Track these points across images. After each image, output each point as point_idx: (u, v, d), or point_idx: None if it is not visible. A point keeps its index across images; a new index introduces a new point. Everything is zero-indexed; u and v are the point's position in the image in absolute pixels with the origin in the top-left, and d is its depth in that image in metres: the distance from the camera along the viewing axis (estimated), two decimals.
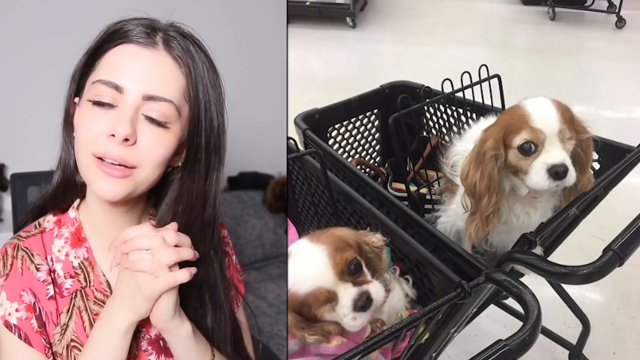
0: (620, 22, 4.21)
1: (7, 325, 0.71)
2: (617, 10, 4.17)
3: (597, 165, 1.19)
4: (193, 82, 0.72)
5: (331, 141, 1.53)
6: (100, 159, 0.69)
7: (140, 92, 0.69)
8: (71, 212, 0.79)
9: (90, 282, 0.77)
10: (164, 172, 0.75)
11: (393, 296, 0.94)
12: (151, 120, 0.70)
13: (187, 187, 0.76)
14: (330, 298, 0.79)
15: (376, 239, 0.90)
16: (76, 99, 0.75)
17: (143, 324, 0.78)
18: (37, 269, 0.74)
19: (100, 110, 0.69)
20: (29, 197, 1.14)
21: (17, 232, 0.79)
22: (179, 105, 0.71)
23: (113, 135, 0.67)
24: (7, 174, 1.78)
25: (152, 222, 0.82)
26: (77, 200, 0.80)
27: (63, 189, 0.78)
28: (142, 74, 0.69)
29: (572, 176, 0.95)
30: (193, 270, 0.70)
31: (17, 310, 0.71)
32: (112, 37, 0.71)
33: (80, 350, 0.74)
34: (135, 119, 0.69)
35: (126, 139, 0.67)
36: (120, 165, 0.68)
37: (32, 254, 0.75)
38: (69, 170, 0.77)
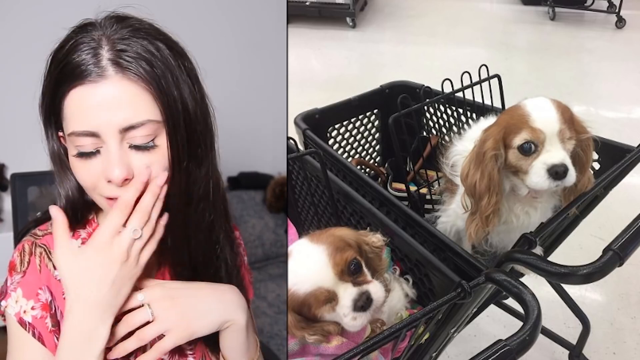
0: (620, 22, 4.21)
1: (22, 322, 0.71)
2: (617, 10, 4.17)
3: (597, 165, 1.19)
4: (158, 85, 0.67)
5: (331, 141, 1.53)
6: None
7: (116, 128, 0.66)
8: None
9: None
10: None
11: (393, 296, 0.94)
12: (137, 147, 0.67)
13: (175, 188, 0.71)
14: (330, 298, 0.79)
15: (376, 239, 0.90)
16: (61, 133, 0.72)
17: None
18: (55, 267, 0.74)
19: (88, 159, 0.68)
20: (29, 197, 1.14)
21: (17, 238, 0.78)
22: (156, 117, 0.67)
23: (110, 181, 0.67)
24: (7, 174, 1.78)
25: None
26: None
27: (75, 212, 0.76)
28: (109, 111, 0.65)
29: (572, 176, 0.95)
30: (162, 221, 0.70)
31: (32, 308, 0.71)
32: (62, 79, 0.67)
33: None
34: (124, 154, 0.67)
35: (125, 179, 0.67)
36: None
37: (49, 252, 0.75)
38: (74, 198, 0.76)
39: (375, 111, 1.60)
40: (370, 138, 1.64)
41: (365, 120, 1.59)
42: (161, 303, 0.70)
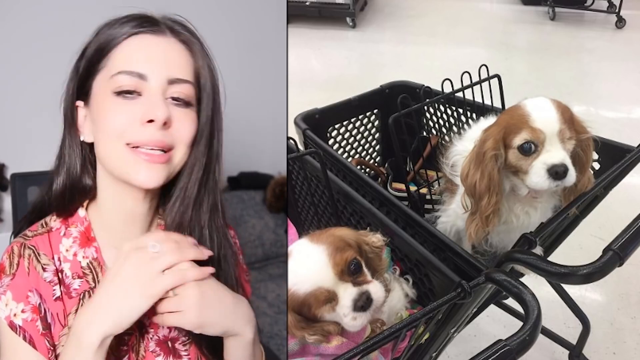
0: (620, 22, 4.21)
1: (12, 326, 0.70)
2: (617, 10, 4.18)
3: (597, 165, 1.19)
4: (200, 63, 0.76)
5: (331, 141, 1.53)
6: (136, 147, 0.70)
7: (164, 77, 0.71)
8: (80, 211, 0.77)
9: (98, 282, 0.75)
10: None
11: (393, 296, 0.94)
12: (178, 102, 0.72)
13: (195, 160, 0.77)
14: (330, 298, 0.79)
15: (376, 239, 0.90)
16: (79, 103, 0.75)
17: (151, 325, 0.77)
18: (44, 269, 0.73)
19: (126, 100, 0.70)
20: (29, 197, 1.14)
21: (16, 236, 0.78)
22: (195, 85, 0.75)
23: (150, 122, 0.69)
24: (7, 174, 1.78)
25: (160, 221, 0.82)
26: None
27: (70, 194, 0.77)
28: (162, 60, 0.72)
29: (572, 176, 0.95)
30: (208, 270, 0.70)
31: (22, 311, 0.71)
32: (117, 33, 0.72)
33: None
34: (166, 103, 0.71)
35: (165, 123, 0.70)
36: (160, 150, 0.70)
37: (38, 254, 0.74)
38: (75, 175, 0.76)
39: (375, 111, 1.60)
40: (370, 138, 1.64)
41: (365, 120, 1.59)
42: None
